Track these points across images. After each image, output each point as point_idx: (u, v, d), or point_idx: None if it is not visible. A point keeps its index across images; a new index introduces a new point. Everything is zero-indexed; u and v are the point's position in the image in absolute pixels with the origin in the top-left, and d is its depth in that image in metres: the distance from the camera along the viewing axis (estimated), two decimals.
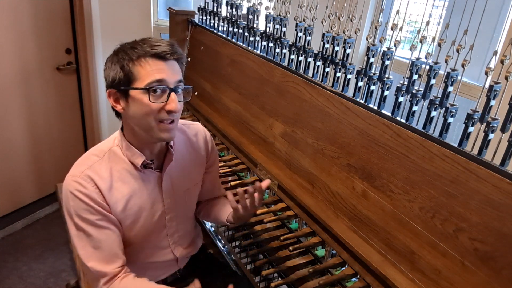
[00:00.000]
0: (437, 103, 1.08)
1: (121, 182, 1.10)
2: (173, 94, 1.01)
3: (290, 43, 1.58)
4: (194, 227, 1.40)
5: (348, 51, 1.34)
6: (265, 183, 1.12)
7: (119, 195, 1.09)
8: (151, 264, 1.27)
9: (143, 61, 0.99)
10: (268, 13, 1.69)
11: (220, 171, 1.59)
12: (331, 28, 1.39)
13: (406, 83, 1.16)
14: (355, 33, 1.32)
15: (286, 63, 1.59)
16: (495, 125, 0.96)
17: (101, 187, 1.06)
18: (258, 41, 1.78)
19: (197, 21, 2.25)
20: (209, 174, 1.34)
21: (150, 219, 1.17)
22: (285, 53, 1.62)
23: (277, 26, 1.63)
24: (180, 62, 1.06)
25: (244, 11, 1.90)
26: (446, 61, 1.05)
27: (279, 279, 1.24)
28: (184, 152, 1.23)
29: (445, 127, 1.05)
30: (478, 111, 0.99)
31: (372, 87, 1.25)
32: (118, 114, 1.10)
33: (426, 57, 1.12)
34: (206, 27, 2.17)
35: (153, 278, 1.30)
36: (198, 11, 2.24)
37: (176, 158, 1.18)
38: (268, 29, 1.69)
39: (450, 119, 1.06)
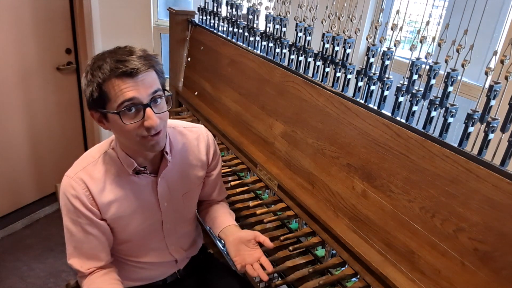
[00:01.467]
0: (437, 103, 1.08)
1: (114, 185, 1.09)
2: (148, 110, 0.96)
3: (290, 43, 1.58)
4: (194, 228, 1.39)
5: (348, 51, 1.34)
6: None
7: (112, 197, 1.09)
8: (150, 265, 1.27)
9: (112, 82, 0.94)
10: (268, 13, 1.68)
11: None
12: (331, 28, 1.39)
13: (406, 83, 1.16)
14: (355, 33, 1.32)
15: (286, 63, 1.59)
16: (495, 125, 0.95)
17: (92, 189, 1.06)
18: (258, 41, 1.78)
19: (197, 21, 2.25)
20: (211, 178, 1.33)
21: (145, 223, 1.17)
22: (285, 53, 1.62)
23: (277, 26, 1.63)
24: (155, 69, 0.99)
25: (244, 11, 1.90)
26: (446, 61, 1.05)
27: (279, 279, 1.24)
28: (183, 156, 1.22)
29: (445, 127, 1.05)
30: (478, 111, 0.99)
31: (372, 87, 1.25)
32: None
33: (426, 57, 1.12)
34: (206, 27, 2.17)
35: (152, 279, 1.30)
36: (198, 11, 2.24)
37: (174, 162, 1.17)
38: (268, 29, 1.69)
39: (450, 119, 1.05)
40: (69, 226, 1.09)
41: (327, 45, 1.41)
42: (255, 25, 1.81)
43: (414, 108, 1.14)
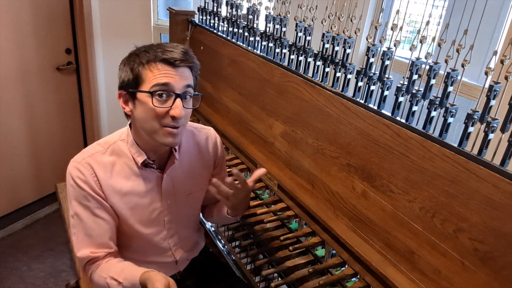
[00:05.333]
0: (437, 103, 1.08)
1: (120, 176, 1.11)
2: (178, 100, 1.01)
3: (290, 43, 1.58)
4: (197, 231, 1.39)
5: (348, 51, 1.34)
6: (260, 172, 1.13)
7: (117, 187, 1.10)
8: (150, 265, 1.26)
9: (152, 65, 1.01)
10: (268, 13, 1.68)
11: None
12: (331, 28, 1.39)
13: (406, 83, 1.16)
14: (355, 33, 1.32)
15: (286, 63, 1.59)
16: (495, 125, 0.95)
17: (99, 175, 1.08)
18: (258, 41, 1.78)
19: (197, 21, 2.25)
20: None
21: (147, 218, 1.17)
22: (285, 53, 1.62)
23: (277, 26, 1.63)
24: (193, 70, 1.07)
25: (244, 11, 1.90)
26: (446, 61, 1.05)
27: (279, 279, 1.24)
28: (191, 156, 1.23)
29: (445, 127, 1.05)
30: (478, 111, 0.99)
31: (372, 87, 1.25)
32: (127, 114, 1.11)
33: (426, 57, 1.12)
34: (206, 27, 2.17)
35: None
36: (198, 11, 2.24)
37: (182, 161, 1.18)
38: (268, 29, 1.69)
39: (450, 119, 1.05)
40: (79, 211, 1.09)
41: (327, 45, 1.41)
42: (255, 25, 1.81)
43: (414, 108, 1.14)
